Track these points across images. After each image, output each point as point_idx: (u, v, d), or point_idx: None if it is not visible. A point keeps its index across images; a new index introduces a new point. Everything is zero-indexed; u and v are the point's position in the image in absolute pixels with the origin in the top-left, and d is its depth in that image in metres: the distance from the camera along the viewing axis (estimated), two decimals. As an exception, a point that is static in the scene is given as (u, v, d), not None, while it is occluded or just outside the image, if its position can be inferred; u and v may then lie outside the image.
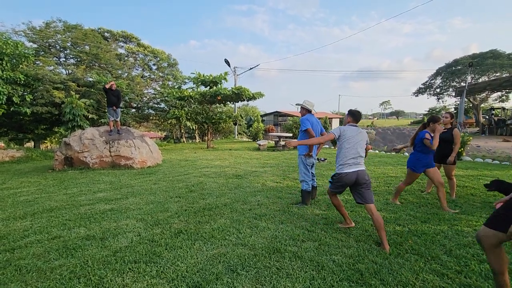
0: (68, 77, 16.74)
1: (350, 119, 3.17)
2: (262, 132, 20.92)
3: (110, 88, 8.63)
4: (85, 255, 2.69)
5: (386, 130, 18.83)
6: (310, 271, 2.35)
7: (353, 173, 2.91)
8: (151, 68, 24.31)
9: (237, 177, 6.48)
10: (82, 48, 19.13)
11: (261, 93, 14.89)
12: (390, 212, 3.85)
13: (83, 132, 8.54)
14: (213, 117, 15.20)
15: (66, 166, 8.10)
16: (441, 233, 3.10)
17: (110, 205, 4.39)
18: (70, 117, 13.18)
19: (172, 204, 4.34)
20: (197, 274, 2.33)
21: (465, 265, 2.43)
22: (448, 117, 4.44)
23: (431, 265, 2.44)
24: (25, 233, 3.28)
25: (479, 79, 28.21)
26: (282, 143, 13.30)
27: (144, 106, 22.90)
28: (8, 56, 11.50)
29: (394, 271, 2.32)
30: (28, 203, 4.68)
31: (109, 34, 22.18)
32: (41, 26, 18.38)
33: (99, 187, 5.66)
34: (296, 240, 2.97)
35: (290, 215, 3.76)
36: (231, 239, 3.01)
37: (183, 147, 16.95)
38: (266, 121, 37.49)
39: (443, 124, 4.45)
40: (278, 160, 9.24)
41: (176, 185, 5.74)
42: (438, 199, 4.08)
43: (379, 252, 2.67)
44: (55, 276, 2.33)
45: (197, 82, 15.01)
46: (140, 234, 3.19)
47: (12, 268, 2.48)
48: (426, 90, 33.69)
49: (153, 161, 8.71)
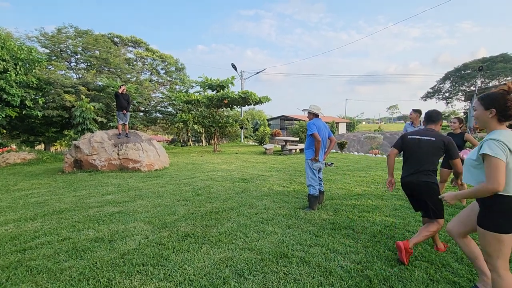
0: (79, 81, 17.09)
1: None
2: (269, 136, 20.92)
3: (121, 93, 8.79)
4: (94, 257, 2.72)
5: (393, 135, 18.62)
6: (318, 277, 2.32)
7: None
8: (159, 72, 24.66)
9: (244, 181, 6.49)
10: (93, 53, 19.56)
11: (267, 97, 14.92)
12: (399, 218, 3.80)
13: (92, 135, 8.68)
14: (219, 121, 15.29)
15: (76, 169, 8.23)
16: (451, 240, 3.04)
17: (118, 208, 4.44)
18: (80, 120, 13.44)
19: (179, 207, 4.37)
20: (204, 278, 2.33)
21: (477, 273, 2.37)
22: (456, 122, 4.38)
23: (442, 272, 2.39)
24: (35, 234, 3.34)
25: (489, 83, 27.79)
26: (288, 147, 13.28)
27: (152, 109, 23.19)
28: (22, 61, 11.83)
29: (404, 279, 2.28)
30: (38, 204, 4.77)
31: (118, 39, 22.63)
32: (53, 32, 18.91)
33: (107, 190, 5.73)
34: (304, 245, 2.95)
35: (297, 220, 3.74)
36: (238, 243, 3.01)
37: (190, 150, 17.06)
38: (273, 125, 37.49)
39: (452, 129, 4.40)
40: (284, 164, 9.22)
41: (183, 188, 5.77)
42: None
43: (388, 258, 2.63)
44: (64, 278, 2.36)
45: (204, 86, 15.14)
46: (147, 237, 3.22)
47: (23, 268, 2.52)
48: (435, 94, 33.33)
49: (160, 164, 8.79)
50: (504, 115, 1.69)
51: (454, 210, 4.09)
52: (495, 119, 1.72)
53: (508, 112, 1.67)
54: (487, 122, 1.77)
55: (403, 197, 4.85)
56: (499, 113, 1.70)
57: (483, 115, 1.77)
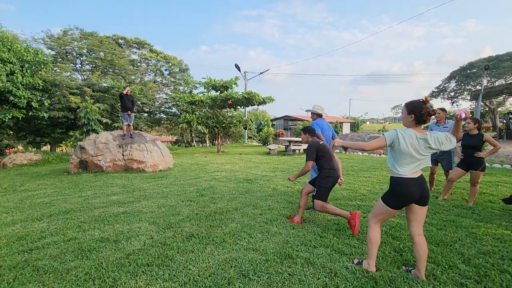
0: (84, 83, 17.24)
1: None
2: (272, 137, 20.90)
3: (125, 93, 8.86)
4: (100, 257, 2.74)
5: (398, 135, 18.48)
6: (322, 278, 2.31)
7: None
8: (163, 73, 24.77)
9: (248, 181, 6.49)
10: (98, 55, 19.72)
11: (271, 97, 14.89)
12: (404, 218, 3.75)
13: (97, 136, 8.75)
14: (223, 121, 15.31)
15: (81, 169, 8.31)
16: (458, 241, 3.00)
17: (123, 208, 4.47)
18: (85, 122, 13.56)
19: (184, 208, 4.38)
20: (209, 278, 2.33)
21: (485, 275, 2.34)
22: (470, 123, 4.30)
23: (448, 274, 2.36)
24: (42, 234, 3.37)
25: (495, 82, 27.41)
26: (292, 147, 13.25)
27: (156, 110, 23.29)
28: (28, 63, 11.97)
29: (410, 280, 2.26)
30: (45, 205, 4.82)
31: (123, 41, 22.78)
32: (59, 34, 19.08)
33: (112, 190, 5.77)
34: (308, 245, 2.94)
35: (302, 220, 3.73)
36: (243, 243, 3.01)
37: (193, 151, 17.11)
38: (276, 126, 37.45)
39: (468, 130, 4.31)
40: (288, 165, 9.20)
41: (187, 188, 5.79)
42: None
43: (393, 259, 2.61)
44: (70, 278, 2.38)
45: (208, 86, 15.17)
46: (152, 237, 3.23)
47: (30, 268, 2.55)
48: (440, 93, 32.95)
49: (164, 165, 8.83)
50: (419, 120, 2.13)
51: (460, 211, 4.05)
52: (414, 122, 2.16)
53: (422, 118, 2.11)
54: (407, 124, 2.21)
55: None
56: (416, 118, 2.13)
57: (405, 118, 2.20)
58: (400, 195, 2.19)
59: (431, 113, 2.12)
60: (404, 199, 2.19)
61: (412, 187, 2.14)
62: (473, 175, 4.34)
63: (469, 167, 4.35)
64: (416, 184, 2.15)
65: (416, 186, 2.14)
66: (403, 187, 2.16)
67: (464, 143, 4.38)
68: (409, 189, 2.14)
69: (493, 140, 4.26)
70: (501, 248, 2.84)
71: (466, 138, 4.35)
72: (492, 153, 4.30)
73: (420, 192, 2.15)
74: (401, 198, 2.19)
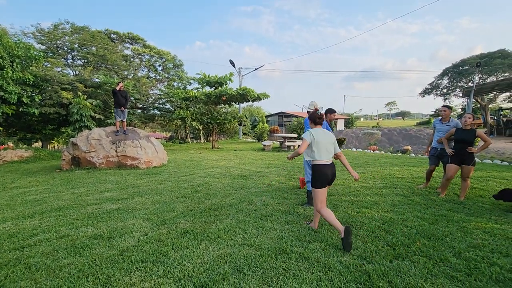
0: (76, 78, 16.95)
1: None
2: (267, 133, 20.91)
3: (118, 89, 8.74)
4: (93, 254, 2.72)
5: (392, 131, 18.64)
6: (317, 272, 2.33)
7: None
8: (156, 69, 24.53)
9: (242, 177, 6.49)
10: (89, 50, 19.39)
11: (266, 93, 14.87)
12: (397, 213, 3.82)
13: (90, 133, 8.63)
14: (218, 117, 15.25)
15: (73, 166, 8.20)
16: (449, 235, 3.06)
17: (116, 205, 4.43)
18: (77, 118, 13.36)
19: (178, 204, 4.36)
20: (204, 274, 2.33)
21: (475, 267, 2.39)
22: (471, 118, 4.36)
23: (440, 267, 2.40)
24: (34, 232, 3.32)
25: (487, 79, 27.82)
26: (287, 143, 13.27)
27: (150, 106, 23.09)
28: (19, 58, 11.70)
29: (402, 273, 2.30)
30: (36, 202, 4.75)
31: (115, 36, 22.45)
32: (49, 28, 18.68)
33: (105, 187, 5.72)
34: (302, 240, 2.96)
35: (296, 216, 3.75)
36: (237, 239, 3.01)
37: (188, 147, 17.03)
38: (271, 122, 37.44)
39: (465, 125, 4.36)
40: (283, 161, 9.22)
41: (182, 185, 5.76)
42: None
43: (386, 253, 2.65)
44: (63, 275, 2.35)
45: (202, 82, 15.07)
46: (146, 233, 3.21)
47: (22, 266, 2.51)
48: (433, 90, 33.33)
49: (158, 161, 8.77)
50: (314, 122, 3.23)
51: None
52: (313, 124, 3.25)
53: (316, 120, 3.22)
54: (310, 125, 3.30)
55: (401, 193, 4.88)
56: (312, 121, 3.24)
57: (309, 122, 3.30)
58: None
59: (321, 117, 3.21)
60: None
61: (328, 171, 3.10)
62: (464, 170, 4.41)
63: (461, 162, 4.42)
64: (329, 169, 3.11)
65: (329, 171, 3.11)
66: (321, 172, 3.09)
67: (457, 138, 4.44)
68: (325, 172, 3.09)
69: (485, 136, 4.33)
70: (491, 241, 2.91)
71: (459, 133, 4.42)
72: (483, 149, 4.38)
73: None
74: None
